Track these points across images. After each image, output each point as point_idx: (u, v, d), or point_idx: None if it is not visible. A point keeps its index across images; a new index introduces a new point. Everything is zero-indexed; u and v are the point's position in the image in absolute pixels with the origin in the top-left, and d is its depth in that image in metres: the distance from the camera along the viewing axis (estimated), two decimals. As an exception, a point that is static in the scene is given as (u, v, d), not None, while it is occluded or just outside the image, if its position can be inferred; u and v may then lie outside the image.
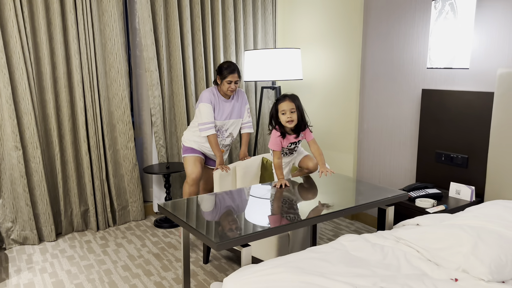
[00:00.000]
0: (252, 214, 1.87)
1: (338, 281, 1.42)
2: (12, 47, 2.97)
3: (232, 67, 3.00)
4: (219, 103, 3.07)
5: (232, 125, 3.16)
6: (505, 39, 2.49)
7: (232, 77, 2.99)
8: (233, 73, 2.99)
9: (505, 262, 1.48)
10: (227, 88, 3.00)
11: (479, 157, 2.66)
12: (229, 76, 2.98)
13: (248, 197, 2.15)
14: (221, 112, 3.08)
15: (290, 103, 2.38)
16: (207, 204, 2.03)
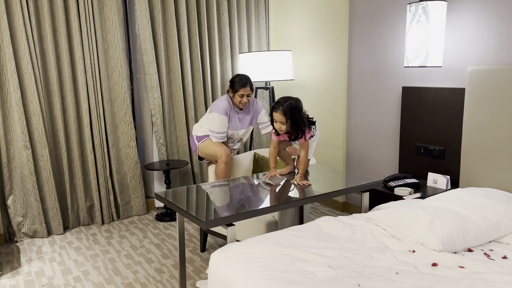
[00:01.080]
0: (238, 199, 2.08)
1: (308, 252, 1.63)
2: (21, 53, 3.21)
3: (244, 80, 2.99)
4: (233, 114, 3.09)
5: (244, 133, 3.25)
6: (474, 39, 2.69)
7: (244, 90, 2.99)
8: (245, 86, 2.98)
9: (456, 235, 1.69)
10: (239, 101, 3.03)
11: (454, 149, 2.86)
12: (241, 89, 2.98)
13: (237, 185, 2.37)
14: (234, 122, 3.11)
15: (280, 116, 2.32)
16: (198, 191, 2.24)
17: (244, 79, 3.00)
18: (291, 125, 2.33)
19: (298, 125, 2.33)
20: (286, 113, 2.29)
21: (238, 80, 3.01)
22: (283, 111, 2.29)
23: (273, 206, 1.97)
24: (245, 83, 2.99)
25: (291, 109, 2.29)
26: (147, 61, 3.73)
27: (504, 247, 1.74)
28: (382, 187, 2.91)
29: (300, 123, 2.34)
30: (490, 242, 1.80)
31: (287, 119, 2.30)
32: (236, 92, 3.01)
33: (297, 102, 2.34)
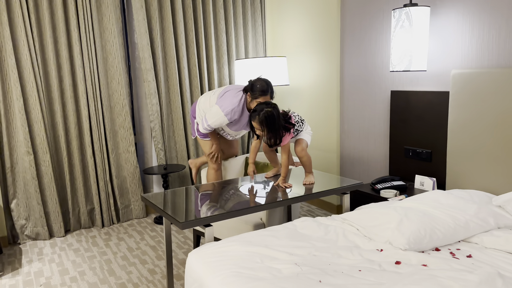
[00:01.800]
0: (219, 201, 2.16)
1: (277, 251, 1.70)
2: (23, 63, 3.35)
3: (265, 87, 2.77)
4: (241, 116, 2.92)
5: (242, 132, 3.16)
6: (458, 43, 2.74)
7: (264, 98, 2.77)
8: (265, 94, 2.77)
9: (423, 235, 1.73)
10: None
11: (441, 151, 2.89)
12: (261, 97, 2.77)
13: (222, 188, 2.45)
14: (240, 125, 2.98)
15: (257, 125, 2.36)
16: (183, 194, 2.33)
17: (266, 86, 2.77)
18: (267, 132, 2.35)
19: (274, 132, 2.35)
20: (262, 122, 2.32)
21: (260, 87, 2.77)
22: (259, 121, 2.33)
23: (250, 208, 2.05)
24: (266, 91, 2.77)
25: (266, 118, 2.31)
26: (145, 69, 3.85)
27: (471, 247, 1.78)
28: (370, 189, 2.96)
29: (276, 130, 2.35)
30: (460, 242, 1.84)
31: (263, 128, 2.34)
32: (255, 98, 2.79)
33: (273, 110, 2.34)
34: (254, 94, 2.78)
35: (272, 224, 2.74)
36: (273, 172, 2.73)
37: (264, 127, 2.33)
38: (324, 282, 1.46)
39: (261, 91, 2.76)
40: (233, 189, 2.43)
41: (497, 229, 1.87)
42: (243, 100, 2.86)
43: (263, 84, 2.77)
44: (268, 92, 2.78)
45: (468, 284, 1.18)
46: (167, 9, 3.87)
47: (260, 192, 2.35)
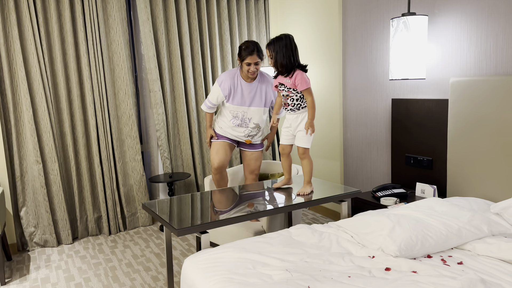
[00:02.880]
0: (217, 208, 2.20)
1: (270, 257, 1.73)
2: (33, 75, 3.46)
3: (251, 47, 2.75)
4: (238, 86, 2.85)
5: (256, 114, 2.95)
6: (456, 51, 2.75)
7: (251, 58, 2.74)
8: (252, 54, 2.74)
9: (415, 242, 1.75)
10: (247, 70, 2.81)
11: (441, 159, 2.90)
12: (248, 57, 2.74)
13: (222, 195, 2.49)
14: (239, 96, 2.88)
15: (267, 51, 2.41)
16: (183, 201, 2.38)
17: (252, 46, 2.75)
18: (276, 54, 2.36)
19: (282, 55, 2.35)
20: (270, 44, 2.37)
21: (245, 47, 2.76)
22: (268, 44, 2.39)
23: (243, 216, 2.09)
24: (252, 50, 2.74)
25: (274, 40, 2.37)
26: (151, 79, 3.94)
27: (464, 254, 1.79)
28: (371, 197, 2.98)
29: (283, 54, 2.35)
30: (452, 249, 1.84)
31: (271, 52, 2.37)
32: (243, 60, 2.78)
33: (286, 37, 2.38)
34: (242, 55, 2.78)
35: (273, 231, 2.77)
36: (282, 183, 2.67)
37: (272, 50, 2.35)
38: (313, 288, 1.49)
39: (248, 51, 2.74)
40: (232, 196, 2.47)
41: (491, 236, 1.87)
42: (236, 70, 2.91)
43: (249, 44, 2.77)
44: (254, 51, 2.75)
45: (448, 289, 1.20)
46: (173, 21, 3.96)
47: (260, 199, 2.39)
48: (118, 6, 3.73)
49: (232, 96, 2.89)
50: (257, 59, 2.78)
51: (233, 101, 2.90)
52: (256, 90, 2.92)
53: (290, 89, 2.45)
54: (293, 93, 2.45)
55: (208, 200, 2.42)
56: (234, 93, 2.88)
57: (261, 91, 2.94)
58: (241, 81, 2.88)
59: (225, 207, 2.24)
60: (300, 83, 2.39)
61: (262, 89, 2.95)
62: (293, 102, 2.47)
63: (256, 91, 2.92)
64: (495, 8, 2.51)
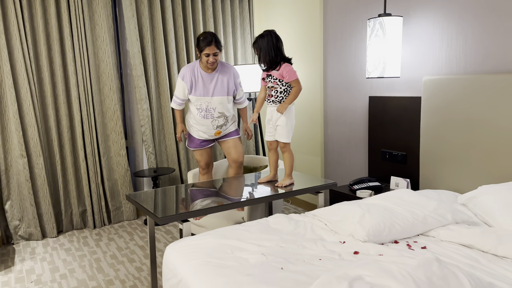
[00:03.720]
0: (199, 199, 2.30)
1: (247, 243, 1.83)
2: (18, 70, 3.50)
3: (209, 38, 2.79)
4: (199, 78, 2.91)
5: (219, 103, 3.01)
6: (429, 51, 2.89)
7: (209, 49, 2.78)
8: (210, 45, 2.77)
9: (383, 228, 1.86)
10: (206, 61, 2.84)
11: (415, 154, 3.03)
12: (206, 48, 2.78)
13: (203, 187, 2.58)
14: (201, 87, 2.93)
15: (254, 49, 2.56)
16: (166, 193, 2.46)
17: (210, 37, 2.79)
18: (261, 51, 2.50)
19: (266, 51, 2.49)
20: (256, 42, 2.52)
21: (203, 38, 2.79)
22: (253, 44, 2.55)
23: (222, 206, 2.18)
24: (210, 41, 2.77)
25: (258, 39, 2.52)
26: (136, 75, 4.00)
27: (428, 240, 1.91)
28: (348, 190, 3.10)
29: (267, 51, 2.49)
30: (418, 235, 1.97)
31: (256, 49, 2.52)
32: (201, 51, 2.82)
33: (268, 34, 2.51)
34: (200, 46, 2.81)
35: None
36: (267, 178, 2.76)
37: (257, 48, 2.51)
38: (285, 269, 1.59)
39: (205, 42, 2.78)
40: (215, 188, 2.57)
41: (454, 224, 2.00)
42: (195, 62, 2.96)
43: (206, 35, 2.79)
44: (212, 42, 2.78)
45: (406, 267, 1.31)
46: (158, 18, 4.03)
47: (242, 191, 2.48)
48: (103, 3, 3.78)
49: (194, 87, 2.94)
50: (215, 50, 2.80)
51: (196, 92, 2.95)
52: (217, 79, 2.97)
53: (277, 79, 2.57)
54: (278, 85, 2.58)
55: (191, 191, 2.51)
56: (195, 85, 2.93)
57: (222, 80, 2.98)
58: (201, 72, 2.93)
59: (206, 198, 2.33)
60: (288, 75, 2.54)
61: (224, 79, 2.99)
62: (277, 94, 2.59)
63: (217, 80, 2.97)
64: (465, 11, 2.65)
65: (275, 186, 2.58)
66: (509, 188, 2.14)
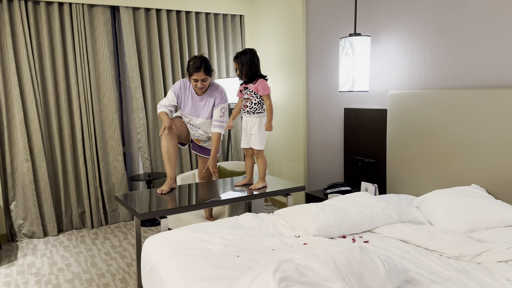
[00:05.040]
0: (180, 199, 2.58)
1: (214, 236, 2.11)
2: (25, 81, 3.84)
3: (198, 63, 2.77)
4: (187, 96, 2.93)
5: (202, 124, 3.07)
6: (394, 67, 3.16)
7: (198, 75, 2.78)
8: (198, 71, 2.77)
9: (332, 224, 2.13)
10: (194, 85, 2.86)
11: (382, 161, 3.30)
12: (194, 74, 2.78)
13: (185, 187, 2.87)
14: (188, 105, 2.97)
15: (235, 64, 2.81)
16: (149, 194, 2.75)
17: (199, 62, 2.76)
18: (242, 66, 2.78)
19: (247, 66, 2.78)
20: (237, 57, 2.80)
21: (193, 63, 2.77)
22: (235, 58, 2.82)
23: (199, 205, 2.47)
24: (199, 67, 2.76)
25: (240, 54, 2.79)
26: (134, 86, 4.32)
27: (373, 235, 2.17)
28: (322, 194, 3.37)
29: (248, 66, 2.78)
30: (366, 232, 2.23)
31: (238, 64, 2.79)
32: (190, 76, 2.82)
33: (250, 52, 2.80)
34: (189, 71, 2.82)
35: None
36: (244, 182, 3.03)
37: (239, 63, 2.78)
38: (241, 257, 1.87)
39: (193, 68, 2.78)
40: (195, 190, 2.85)
41: (400, 222, 2.26)
42: (188, 81, 2.98)
43: (196, 60, 2.78)
44: (201, 68, 2.77)
45: (331, 252, 1.58)
46: (155, 33, 4.36)
47: (218, 193, 2.77)
48: (104, 20, 4.12)
49: (183, 105, 3.01)
50: (204, 76, 2.81)
51: (184, 110, 3.04)
52: (206, 102, 3.00)
53: (252, 92, 2.87)
54: (253, 97, 2.87)
55: (174, 193, 2.80)
56: (184, 103, 2.98)
57: (209, 104, 3.01)
58: (192, 93, 2.97)
59: (185, 199, 2.62)
60: (262, 89, 2.83)
61: (210, 102, 3.02)
62: (251, 105, 2.88)
63: (205, 103, 3.00)
64: (424, 32, 2.92)
65: (249, 189, 2.86)
66: (453, 192, 2.40)
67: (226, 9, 4.70)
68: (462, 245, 1.88)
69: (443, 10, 2.77)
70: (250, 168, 3.05)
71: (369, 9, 3.32)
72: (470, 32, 2.62)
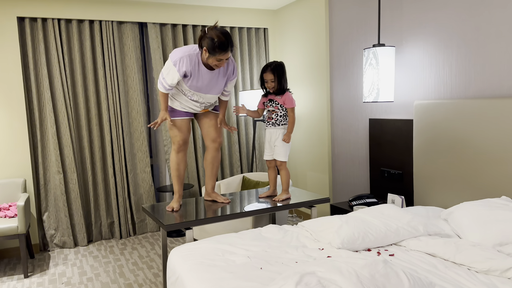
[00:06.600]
0: (205, 211, 2.62)
1: (237, 247, 2.13)
2: (57, 96, 3.99)
3: (226, 43, 2.39)
4: (198, 72, 2.54)
5: (211, 99, 2.76)
6: (419, 77, 3.13)
7: (225, 55, 2.42)
8: (226, 50, 2.40)
9: (356, 237, 2.11)
10: (214, 64, 2.49)
11: (409, 172, 3.24)
12: (221, 54, 2.40)
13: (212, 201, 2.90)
14: (197, 82, 2.58)
15: (270, 75, 2.80)
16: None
17: (226, 41, 2.38)
18: (278, 78, 2.81)
19: (282, 79, 2.83)
20: (275, 69, 2.81)
21: (220, 43, 2.37)
22: (272, 69, 2.81)
23: (222, 216, 2.49)
24: (227, 47, 2.40)
25: (278, 66, 2.83)
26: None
27: (399, 249, 2.14)
28: (347, 206, 3.34)
29: (282, 79, 2.84)
30: (392, 245, 2.20)
31: (275, 75, 2.81)
32: (213, 55, 2.41)
33: (282, 65, 2.86)
34: (214, 50, 2.40)
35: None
36: (268, 193, 3.03)
37: (276, 75, 2.81)
38: (264, 269, 1.87)
39: (221, 48, 2.39)
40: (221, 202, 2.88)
41: (426, 235, 2.22)
42: (196, 52, 2.53)
43: (222, 40, 2.37)
44: (229, 47, 2.41)
45: (354, 266, 1.57)
46: (180, 48, 4.46)
47: (242, 204, 2.79)
48: (132, 36, 4.25)
49: (190, 81, 2.58)
50: (230, 54, 2.47)
51: (191, 86, 2.60)
52: (217, 78, 2.66)
53: (278, 104, 2.90)
54: (279, 109, 2.91)
55: (199, 204, 2.84)
56: (192, 79, 2.56)
57: (221, 81, 2.69)
58: (201, 67, 2.54)
59: (210, 210, 2.65)
60: (289, 102, 2.88)
61: (223, 78, 2.70)
62: (277, 117, 2.91)
63: (217, 79, 2.66)
64: (449, 41, 2.88)
65: (273, 200, 2.87)
66: (482, 204, 2.34)
67: (250, 22, 4.77)
68: (491, 259, 1.83)
69: (466, 18, 2.73)
70: (273, 180, 3.06)
71: (392, 19, 3.31)
72: (496, 39, 2.57)
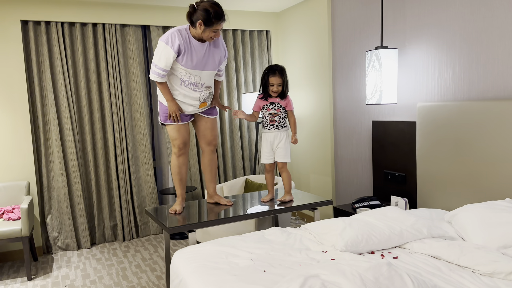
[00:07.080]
0: (208, 214, 2.61)
1: (241, 250, 2.12)
2: (61, 99, 4.01)
3: (221, 11, 2.40)
4: (190, 48, 2.48)
5: (209, 77, 2.66)
6: (422, 79, 3.12)
7: (221, 25, 2.42)
8: (223, 19, 2.42)
9: (360, 240, 2.10)
10: (210, 36, 2.46)
11: (412, 175, 3.24)
12: (217, 24, 2.40)
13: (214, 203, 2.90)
14: (192, 58, 2.50)
15: (278, 78, 2.82)
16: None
17: (221, 10, 2.39)
18: (286, 81, 2.85)
19: (287, 83, 2.87)
20: (283, 71, 2.84)
21: (215, 13, 2.37)
22: (280, 73, 2.83)
23: (227, 218, 2.49)
24: (222, 15, 2.40)
25: (283, 70, 2.86)
26: (163, 102, 4.43)
27: (402, 251, 2.13)
28: (350, 208, 3.33)
29: (288, 83, 2.91)
30: (395, 248, 2.19)
31: (283, 77, 2.84)
32: (209, 26, 2.39)
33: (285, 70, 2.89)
34: (210, 21, 2.38)
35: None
36: (269, 197, 3.02)
37: (284, 76, 2.85)
38: (268, 272, 1.87)
39: (216, 18, 2.39)
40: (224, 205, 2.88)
41: (430, 238, 2.21)
42: (185, 27, 2.51)
43: (216, 9, 2.38)
44: (223, 16, 2.42)
45: (358, 268, 1.56)
46: (183, 51, 4.47)
47: (243, 207, 2.79)
48: (135, 39, 4.26)
49: (185, 58, 2.49)
50: (223, 25, 2.47)
51: (186, 64, 2.51)
52: (209, 51, 2.58)
53: (280, 107, 2.91)
54: (281, 112, 2.93)
55: (202, 206, 2.84)
56: (186, 55, 2.48)
57: (214, 53, 2.62)
58: (193, 41, 2.49)
59: (213, 213, 2.65)
60: (291, 105, 2.95)
61: (216, 52, 2.63)
62: (280, 120, 2.93)
63: (209, 52, 2.58)
64: (452, 43, 2.88)
65: (277, 201, 2.86)
66: (486, 207, 2.33)
67: (252, 25, 4.78)
68: (496, 262, 1.82)
69: (470, 20, 2.73)
70: (272, 184, 3.07)
71: (395, 21, 3.31)
72: (499, 41, 2.56)
